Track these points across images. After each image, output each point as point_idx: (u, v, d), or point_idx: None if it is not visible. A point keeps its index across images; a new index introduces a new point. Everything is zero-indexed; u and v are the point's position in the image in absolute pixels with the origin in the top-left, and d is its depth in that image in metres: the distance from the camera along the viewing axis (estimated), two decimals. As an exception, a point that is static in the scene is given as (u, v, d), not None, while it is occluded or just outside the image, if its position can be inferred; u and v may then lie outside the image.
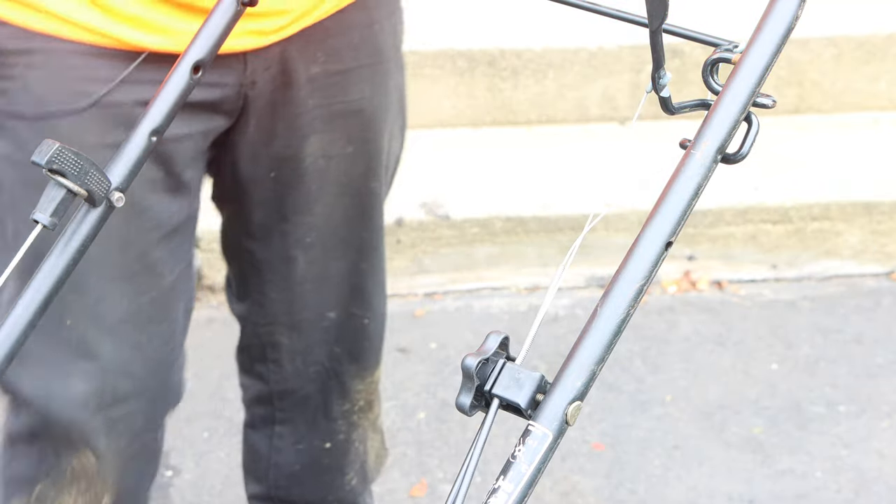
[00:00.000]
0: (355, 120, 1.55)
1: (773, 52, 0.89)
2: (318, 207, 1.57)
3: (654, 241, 0.89)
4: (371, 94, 1.53)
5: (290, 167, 1.52)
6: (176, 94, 1.02)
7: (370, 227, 1.65)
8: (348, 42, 1.45)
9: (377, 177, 1.62)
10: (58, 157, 1.01)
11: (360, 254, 1.65)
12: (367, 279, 1.68)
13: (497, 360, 0.91)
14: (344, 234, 1.62)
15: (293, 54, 1.43)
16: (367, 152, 1.58)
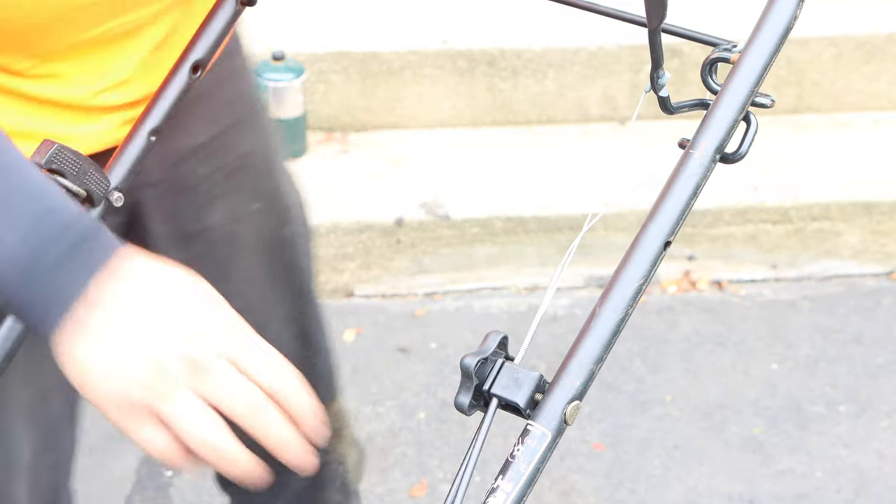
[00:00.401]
0: (253, 173, 1.47)
1: (772, 52, 0.89)
2: (236, 273, 1.49)
3: (653, 241, 0.89)
4: (257, 141, 1.47)
5: (200, 242, 1.44)
6: (175, 94, 1.03)
7: (297, 273, 1.59)
8: (222, 100, 1.38)
9: (289, 221, 1.56)
10: (57, 157, 1.01)
11: (294, 302, 1.58)
12: (306, 322, 1.62)
13: (496, 359, 0.91)
14: (271, 291, 1.55)
15: (174, 130, 1.37)
16: (274, 202, 1.51)
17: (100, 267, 0.81)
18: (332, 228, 2.94)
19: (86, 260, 0.81)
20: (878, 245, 3.10)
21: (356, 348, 2.81)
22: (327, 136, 3.25)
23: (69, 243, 0.82)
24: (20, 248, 0.81)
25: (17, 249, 0.80)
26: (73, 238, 0.82)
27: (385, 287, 3.01)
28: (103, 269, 0.81)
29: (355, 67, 3.19)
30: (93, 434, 2.52)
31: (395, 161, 3.15)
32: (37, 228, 0.82)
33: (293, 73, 3.04)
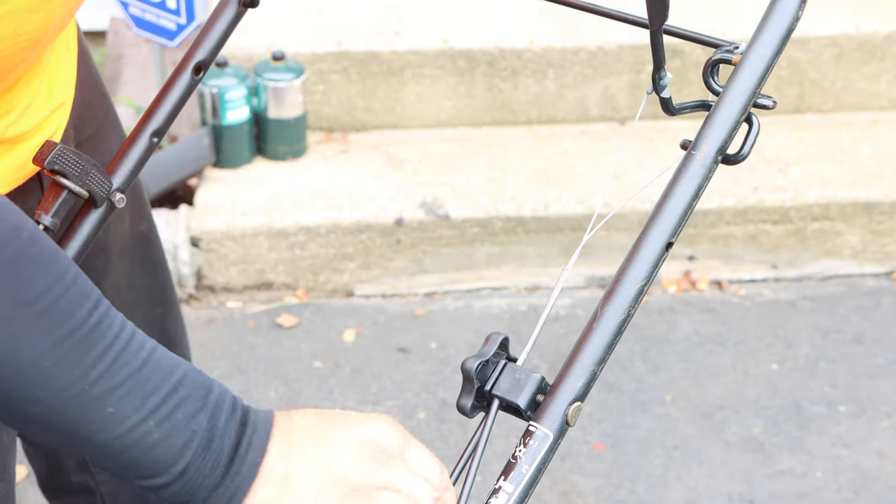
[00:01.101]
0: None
1: (774, 54, 0.89)
2: (106, 281, 1.45)
3: (655, 242, 0.89)
4: (115, 139, 1.45)
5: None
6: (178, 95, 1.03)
7: (155, 272, 1.56)
8: (83, 104, 1.35)
9: (145, 217, 1.54)
10: (59, 158, 1.01)
11: (156, 303, 1.57)
12: (167, 322, 1.59)
13: (497, 361, 0.91)
14: (136, 292, 1.51)
15: (66, 142, 1.33)
16: (133, 199, 1.50)
17: (267, 441, 0.85)
18: (332, 228, 2.94)
19: (257, 432, 0.85)
20: (878, 245, 3.10)
21: (356, 348, 2.81)
22: (327, 136, 3.25)
23: (239, 415, 0.85)
24: (202, 422, 0.83)
25: (200, 423, 0.83)
26: (239, 416, 0.85)
27: (385, 287, 3.01)
28: (270, 443, 0.85)
29: (355, 67, 3.19)
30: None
31: (395, 161, 3.15)
32: (211, 405, 0.84)
33: (293, 73, 3.04)
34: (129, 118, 3.24)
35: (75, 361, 0.79)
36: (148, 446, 0.82)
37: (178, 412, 0.82)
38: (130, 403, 0.81)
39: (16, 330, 0.78)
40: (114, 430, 0.81)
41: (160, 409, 0.82)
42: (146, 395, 0.81)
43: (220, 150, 3.06)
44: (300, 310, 2.94)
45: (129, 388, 0.81)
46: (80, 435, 0.81)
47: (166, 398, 0.82)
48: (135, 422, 0.81)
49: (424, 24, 3.27)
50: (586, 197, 3.02)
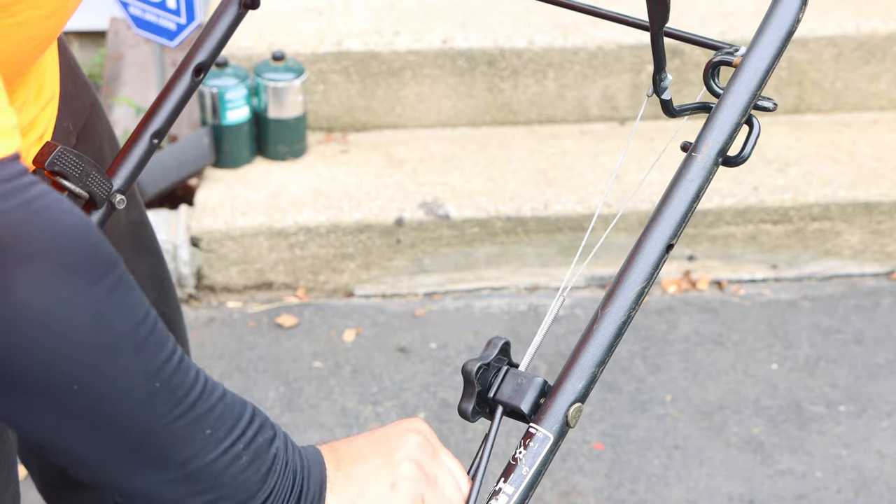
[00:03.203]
0: (107, 162, 1.41)
1: (775, 56, 0.89)
2: None
3: (656, 244, 0.89)
4: (105, 128, 1.45)
5: None
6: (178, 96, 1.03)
7: (152, 259, 1.58)
8: (70, 95, 1.35)
9: (138, 204, 1.55)
10: (59, 159, 1.02)
11: (154, 288, 1.58)
12: (167, 303, 1.61)
13: (499, 366, 0.91)
14: (139, 275, 1.51)
15: (57, 136, 1.33)
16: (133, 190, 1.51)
17: (323, 465, 0.91)
18: (332, 228, 2.94)
19: (313, 463, 0.91)
20: (878, 245, 3.10)
21: (356, 348, 2.81)
22: (327, 136, 3.25)
23: (297, 450, 0.90)
24: (279, 446, 0.88)
25: (278, 447, 0.88)
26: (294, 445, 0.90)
27: (385, 287, 3.01)
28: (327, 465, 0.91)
29: (355, 67, 3.19)
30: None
31: (395, 161, 3.15)
32: (280, 432, 0.89)
33: (293, 73, 3.04)
34: (129, 118, 3.24)
35: (178, 384, 0.82)
36: (239, 469, 0.85)
37: (259, 437, 0.87)
38: (224, 426, 0.84)
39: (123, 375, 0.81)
40: (211, 453, 0.84)
41: (246, 433, 0.86)
42: (235, 419, 0.85)
43: (220, 150, 3.06)
44: (300, 310, 2.94)
45: (221, 412, 0.84)
46: (176, 461, 0.83)
47: (249, 423, 0.86)
48: (228, 444, 0.85)
49: (424, 24, 3.27)
50: (586, 197, 3.02)
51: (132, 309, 0.80)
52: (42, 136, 1.24)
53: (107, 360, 0.78)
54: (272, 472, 0.87)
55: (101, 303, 0.77)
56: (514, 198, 3.00)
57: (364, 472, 0.91)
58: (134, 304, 0.80)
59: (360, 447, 0.92)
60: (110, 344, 0.78)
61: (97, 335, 0.77)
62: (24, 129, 1.16)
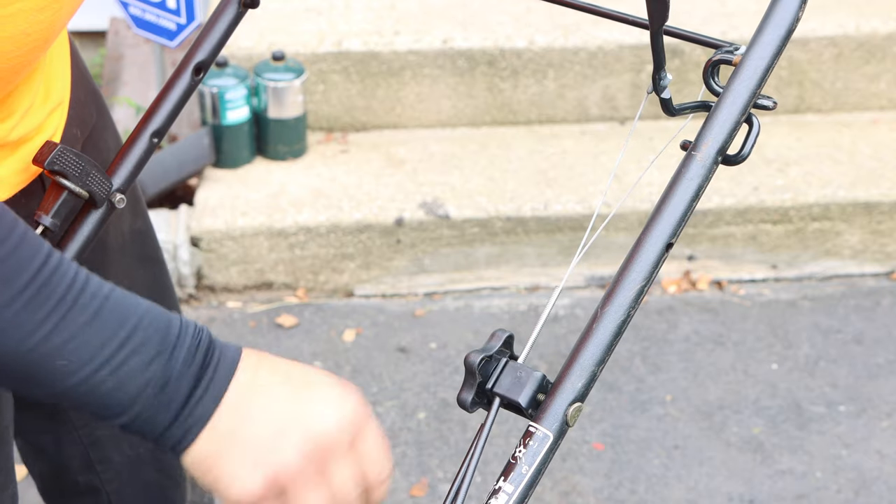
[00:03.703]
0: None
1: (774, 54, 0.89)
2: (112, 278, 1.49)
3: (655, 243, 0.89)
4: (113, 136, 1.45)
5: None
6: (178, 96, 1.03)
7: (154, 267, 1.57)
8: (79, 101, 1.35)
9: (141, 213, 1.55)
10: (59, 159, 1.01)
11: (156, 296, 1.57)
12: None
13: (500, 358, 0.91)
14: (137, 290, 1.54)
15: (65, 142, 1.32)
16: (130, 195, 1.50)
17: (230, 378, 0.86)
18: (332, 228, 2.94)
19: (217, 374, 0.86)
20: (878, 245, 3.10)
21: (356, 348, 2.81)
22: (327, 136, 3.25)
23: (200, 357, 0.86)
24: (157, 368, 0.85)
25: (155, 370, 0.85)
26: (200, 357, 0.86)
27: (385, 287, 3.01)
28: (233, 379, 0.86)
29: (355, 67, 3.19)
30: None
31: (395, 161, 3.15)
32: (170, 347, 0.86)
33: (293, 73, 3.04)
34: (129, 118, 3.24)
35: (26, 319, 0.81)
36: (102, 394, 0.83)
37: (131, 360, 0.84)
38: (82, 355, 0.82)
39: None
40: (67, 381, 0.82)
41: (113, 359, 0.83)
42: (99, 346, 0.83)
43: (220, 150, 3.06)
44: (300, 310, 2.94)
45: (81, 342, 0.82)
46: (37, 384, 0.83)
47: (119, 348, 0.83)
48: (87, 373, 0.83)
49: (424, 24, 3.27)
50: (586, 197, 3.01)
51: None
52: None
53: None
54: (141, 395, 0.84)
55: None
56: (514, 198, 3.00)
57: (266, 409, 0.86)
58: None
59: (286, 388, 0.88)
60: None
61: None
62: (30, 133, 1.16)
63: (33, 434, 1.59)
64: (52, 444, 1.59)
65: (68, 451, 1.59)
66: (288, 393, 0.87)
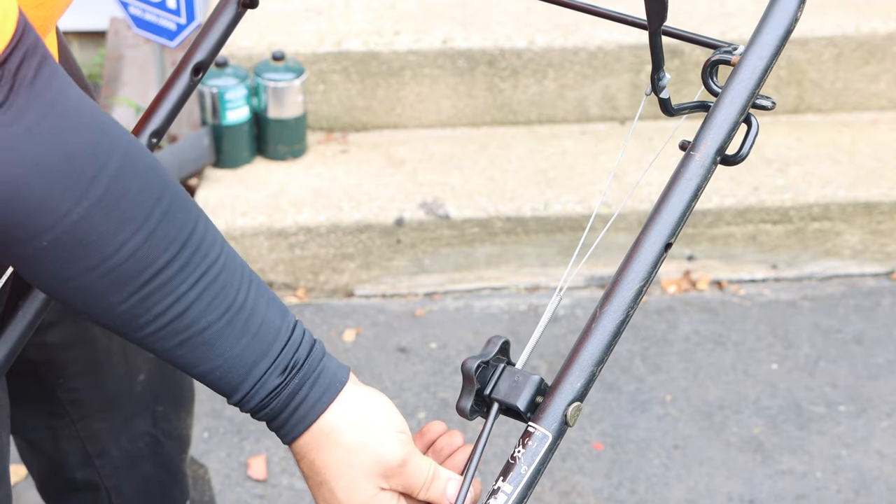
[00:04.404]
0: None
1: (773, 54, 0.89)
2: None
3: (654, 243, 0.89)
4: None
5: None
6: (178, 96, 1.03)
7: None
8: None
9: None
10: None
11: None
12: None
13: (497, 364, 0.91)
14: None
15: None
16: None
17: (326, 403, 0.94)
18: (332, 228, 2.94)
19: (311, 398, 0.94)
20: (878, 245, 3.10)
21: (356, 348, 2.81)
22: (327, 136, 3.25)
23: (317, 368, 0.94)
24: (273, 376, 0.92)
25: (272, 377, 0.92)
26: (317, 360, 0.94)
27: (385, 287, 3.01)
28: (325, 407, 0.94)
29: (355, 67, 3.19)
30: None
31: (395, 161, 3.15)
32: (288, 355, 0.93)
33: (293, 73, 3.04)
34: (129, 118, 3.24)
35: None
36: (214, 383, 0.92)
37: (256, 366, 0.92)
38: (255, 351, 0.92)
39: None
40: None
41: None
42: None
43: (220, 150, 3.06)
44: (300, 310, 2.94)
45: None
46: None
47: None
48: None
49: (424, 24, 3.27)
50: (586, 197, 3.02)
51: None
52: None
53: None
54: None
55: None
56: (514, 198, 3.00)
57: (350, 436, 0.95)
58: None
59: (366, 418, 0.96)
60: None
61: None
62: None
63: (31, 430, 1.59)
64: (49, 439, 1.59)
65: (66, 446, 1.59)
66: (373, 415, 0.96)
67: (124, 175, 0.80)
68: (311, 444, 0.93)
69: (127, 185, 0.81)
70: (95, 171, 0.79)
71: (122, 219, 0.81)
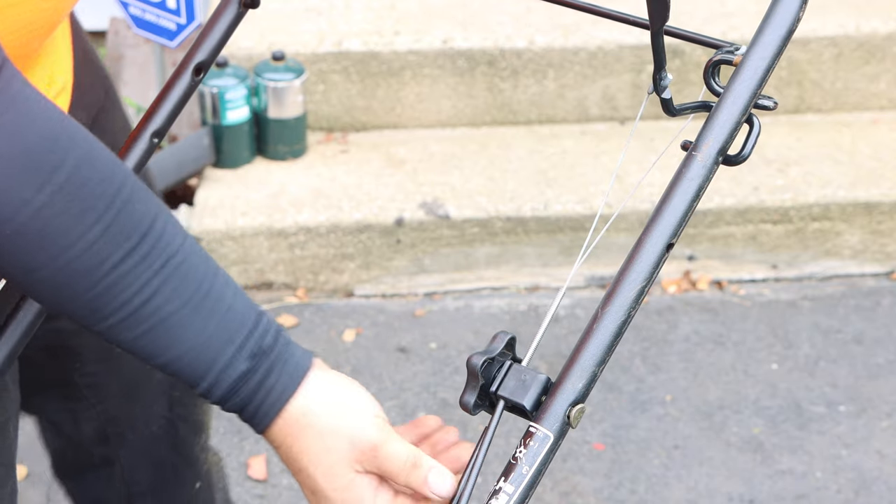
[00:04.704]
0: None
1: (775, 54, 0.89)
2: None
3: (656, 243, 0.89)
4: (119, 118, 1.46)
5: None
6: (178, 96, 1.02)
7: None
8: (89, 84, 1.35)
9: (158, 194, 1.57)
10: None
11: None
12: None
13: (503, 360, 0.91)
14: None
15: None
16: (149, 178, 1.53)
17: (293, 389, 0.97)
18: (332, 228, 2.94)
19: (281, 383, 0.97)
20: (878, 245, 3.10)
21: (356, 348, 2.81)
22: (327, 136, 3.25)
23: (279, 350, 0.97)
24: (240, 361, 0.94)
25: (238, 362, 0.93)
26: (282, 345, 0.97)
27: (385, 287, 3.01)
28: (294, 392, 0.97)
29: (355, 67, 3.19)
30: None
31: (395, 161, 3.15)
32: (252, 341, 0.95)
33: (293, 73, 3.04)
34: (130, 118, 3.23)
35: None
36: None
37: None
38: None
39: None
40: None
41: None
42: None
43: (220, 150, 3.06)
44: (300, 310, 2.94)
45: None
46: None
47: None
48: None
49: (424, 24, 3.27)
50: (587, 197, 3.01)
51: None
52: None
53: None
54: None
55: None
56: (514, 198, 3.00)
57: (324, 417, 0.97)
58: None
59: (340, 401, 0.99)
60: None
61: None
62: None
63: (52, 412, 1.62)
64: (70, 421, 1.62)
65: (86, 427, 1.62)
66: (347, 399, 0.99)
67: (84, 167, 0.83)
68: (286, 431, 0.94)
69: (87, 176, 0.83)
70: (56, 162, 0.82)
71: (83, 208, 0.83)
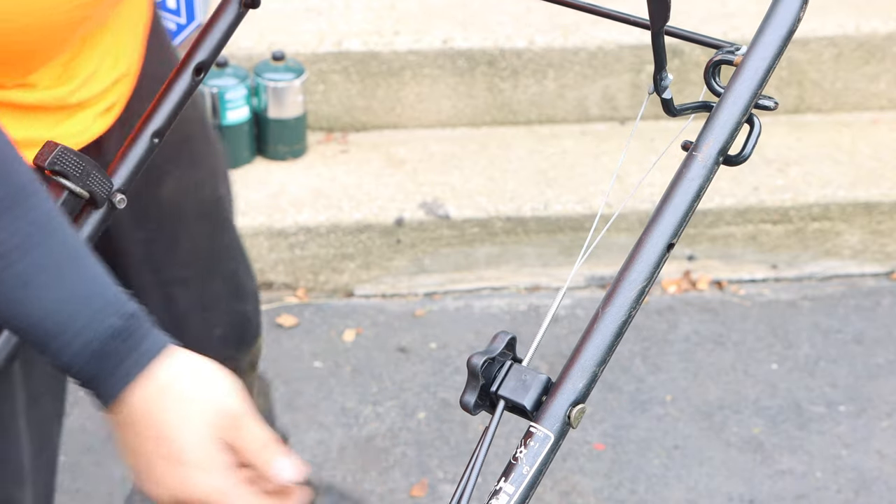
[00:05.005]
0: (193, 143, 1.51)
1: (776, 54, 0.89)
2: (184, 243, 1.55)
3: (656, 243, 0.89)
4: (192, 108, 1.47)
5: (153, 220, 1.49)
6: (179, 96, 1.03)
7: (230, 229, 1.66)
8: (157, 76, 1.35)
9: (222, 178, 1.60)
10: (60, 159, 1.01)
11: (231, 258, 1.63)
12: (240, 274, 1.67)
13: (503, 360, 0.91)
14: (212, 251, 1.60)
15: (129, 114, 1.34)
16: (210, 163, 1.56)
17: (156, 354, 0.93)
18: (332, 228, 2.94)
19: (143, 348, 0.93)
20: (878, 245, 3.10)
21: (356, 348, 2.81)
22: (327, 136, 3.25)
23: (130, 331, 0.93)
24: (88, 340, 0.91)
25: (87, 342, 0.90)
26: (134, 326, 0.93)
27: (385, 287, 3.01)
28: (156, 358, 0.93)
29: (355, 67, 3.19)
30: (93, 435, 2.52)
31: (395, 161, 3.15)
32: (101, 319, 0.91)
33: (293, 73, 3.04)
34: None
35: None
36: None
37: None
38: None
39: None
40: None
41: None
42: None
43: (220, 149, 3.06)
44: (300, 310, 2.94)
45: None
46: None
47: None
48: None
49: (424, 24, 3.27)
50: (587, 197, 3.01)
51: None
52: (110, 109, 1.26)
53: None
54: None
55: None
56: (514, 198, 3.00)
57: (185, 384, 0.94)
58: None
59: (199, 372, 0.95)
60: None
61: None
62: (92, 100, 1.17)
63: None
64: None
65: None
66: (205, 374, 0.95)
67: None
68: (148, 395, 0.92)
69: None
70: None
71: None
